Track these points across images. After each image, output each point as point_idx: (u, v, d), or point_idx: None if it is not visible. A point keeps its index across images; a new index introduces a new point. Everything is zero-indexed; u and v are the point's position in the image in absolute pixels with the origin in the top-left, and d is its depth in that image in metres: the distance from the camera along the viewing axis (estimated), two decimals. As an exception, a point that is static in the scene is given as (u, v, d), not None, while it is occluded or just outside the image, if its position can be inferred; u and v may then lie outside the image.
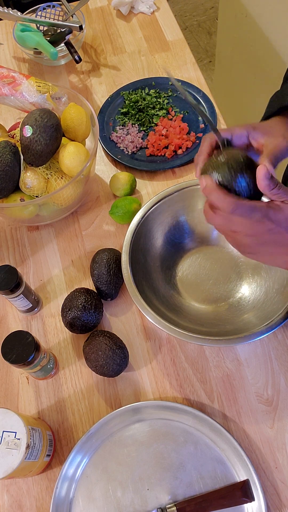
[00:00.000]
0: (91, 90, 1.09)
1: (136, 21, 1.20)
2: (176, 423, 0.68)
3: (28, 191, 0.79)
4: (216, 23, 2.46)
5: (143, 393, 0.72)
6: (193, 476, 0.65)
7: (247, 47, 1.44)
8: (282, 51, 1.24)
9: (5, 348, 0.61)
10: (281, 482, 0.65)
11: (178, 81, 1.05)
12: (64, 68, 1.13)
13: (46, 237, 0.89)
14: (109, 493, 0.64)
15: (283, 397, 0.70)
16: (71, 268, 0.85)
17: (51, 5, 1.14)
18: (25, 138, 0.74)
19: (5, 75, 0.85)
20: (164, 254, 0.81)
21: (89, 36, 1.19)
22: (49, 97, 0.84)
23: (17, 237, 0.89)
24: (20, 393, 0.74)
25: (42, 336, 0.78)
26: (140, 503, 0.64)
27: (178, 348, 0.75)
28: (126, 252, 0.73)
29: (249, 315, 0.73)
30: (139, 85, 1.06)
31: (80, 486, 0.65)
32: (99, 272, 0.77)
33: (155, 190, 0.93)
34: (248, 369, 0.73)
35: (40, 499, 0.66)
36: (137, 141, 0.97)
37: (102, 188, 0.94)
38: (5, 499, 0.66)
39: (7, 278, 0.68)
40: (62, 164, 0.79)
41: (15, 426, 0.57)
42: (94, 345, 0.69)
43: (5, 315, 0.81)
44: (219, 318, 0.75)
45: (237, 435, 0.68)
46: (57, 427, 0.71)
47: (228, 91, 1.75)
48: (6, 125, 0.99)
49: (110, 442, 0.68)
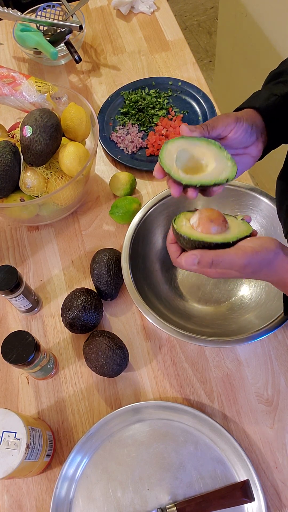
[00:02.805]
0: (91, 90, 1.09)
1: (136, 21, 1.20)
2: (176, 423, 0.68)
3: (28, 191, 0.79)
4: (216, 23, 2.45)
5: (143, 393, 0.72)
6: (193, 476, 0.65)
7: (247, 47, 1.44)
8: (282, 51, 1.23)
9: (5, 348, 0.61)
10: (281, 482, 0.65)
11: (178, 82, 1.05)
12: (64, 68, 1.13)
13: (46, 237, 0.89)
14: (109, 493, 0.64)
15: (283, 397, 0.70)
16: (71, 268, 0.85)
17: (51, 5, 1.14)
18: (25, 138, 0.74)
19: (5, 75, 0.85)
20: (164, 254, 0.81)
21: (89, 36, 1.19)
22: (49, 97, 0.84)
23: (17, 237, 0.89)
24: (20, 393, 0.74)
25: (42, 336, 0.78)
26: (140, 503, 0.64)
27: (178, 348, 0.75)
28: (126, 252, 0.73)
29: (250, 316, 0.73)
30: (139, 85, 1.06)
31: (80, 486, 0.65)
32: (99, 272, 0.77)
33: (155, 190, 0.93)
34: (248, 369, 0.73)
35: (40, 499, 0.66)
36: (137, 141, 0.97)
37: (102, 188, 0.94)
38: (5, 499, 0.66)
39: (7, 278, 0.68)
40: (62, 164, 0.79)
41: (15, 426, 0.57)
42: (94, 345, 0.69)
43: (5, 315, 0.81)
44: (220, 319, 0.75)
45: (237, 435, 0.68)
46: (57, 427, 0.71)
47: (228, 91, 1.75)
48: (6, 125, 0.99)
49: (110, 442, 0.68)
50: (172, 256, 0.55)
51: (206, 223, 0.53)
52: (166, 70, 1.10)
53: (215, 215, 0.54)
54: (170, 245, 0.55)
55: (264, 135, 0.57)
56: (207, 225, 0.53)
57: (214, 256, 0.50)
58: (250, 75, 1.49)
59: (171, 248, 0.55)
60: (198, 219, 0.54)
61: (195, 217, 0.55)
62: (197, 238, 0.52)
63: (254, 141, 0.57)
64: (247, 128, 0.55)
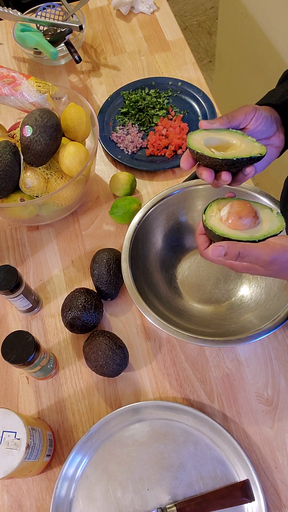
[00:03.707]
0: (91, 90, 1.09)
1: (136, 21, 1.20)
2: (176, 423, 0.68)
3: (28, 191, 0.79)
4: (216, 23, 2.45)
5: (143, 393, 0.72)
6: (193, 476, 0.65)
7: (247, 47, 1.44)
8: (282, 51, 1.23)
9: (5, 348, 0.61)
10: (281, 482, 0.65)
11: (178, 82, 1.05)
12: (64, 68, 1.13)
13: (46, 237, 0.89)
14: (109, 493, 0.64)
15: (283, 397, 0.70)
16: (71, 268, 0.85)
17: (51, 5, 1.14)
18: (25, 138, 0.74)
19: (5, 75, 0.85)
20: (164, 254, 0.81)
21: (89, 36, 1.19)
22: (49, 97, 0.84)
23: (17, 237, 0.89)
24: (20, 393, 0.74)
25: (42, 336, 0.78)
26: (140, 503, 0.64)
27: (178, 348, 0.75)
28: (126, 252, 0.73)
29: (249, 315, 0.73)
30: (139, 85, 1.06)
31: (80, 486, 0.65)
32: (99, 272, 0.77)
33: (155, 190, 0.93)
34: (248, 369, 0.73)
35: (40, 499, 0.66)
36: (137, 141, 0.97)
37: (102, 188, 0.94)
38: (5, 499, 0.66)
39: (7, 278, 0.68)
40: (62, 164, 0.79)
41: (15, 426, 0.57)
42: (94, 345, 0.69)
43: (5, 315, 0.81)
44: (220, 319, 0.75)
45: (237, 435, 0.68)
46: (57, 427, 0.71)
47: (228, 91, 1.75)
48: (6, 125, 0.99)
49: (110, 442, 0.68)
50: (200, 248, 0.55)
51: (235, 218, 0.52)
52: (166, 70, 1.10)
53: (246, 210, 0.53)
54: (199, 236, 0.56)
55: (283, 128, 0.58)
56: (235, 221, 0.52)
57: (241, 248, 0.50)
58: (250, 75, 1.49)
59: (199, 239, 0.55)
60: (228, 213, 0.53)
61: (225, 209, 0.54)
62: (223, 234, 0.52)
63: (275, 131, 0.57)
64: (267, 116, 0.55)
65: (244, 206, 0.54)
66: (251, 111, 0.54)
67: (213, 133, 0.54)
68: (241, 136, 0.54)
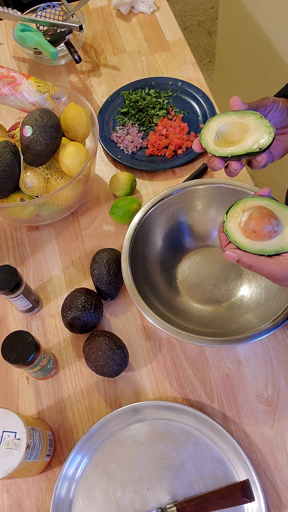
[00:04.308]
0: (91, 90, 1.09)
1: (136, 21, 1.20)
2: (176, 423, 0.68)
3: (28, 191, 0.79)
4: (216, 23, 2.46)
5: (143, 393, 0.72)
6: (193, 476, 0.65)
7: (247, 47, 1.44)
8: (282, 51, 1.23)
9: (5, 348, 0.61)
10: (281, 482, 0.65)
11: (178, 82, 1.05)
12: (64, 68, 1.13)
13: (46, 237, 0.89)
14: (109, 493, 0.64)
15: (283, 397, 0.70)
16: (71, 268, 0.85)
17: (51, 5, 1.14)
18: (25, 138, 0.74)
19: (5, 75, 0.85)
20: (164, 254, 0.81)
21: (89, 36, 1.19)
22: (49, 97, 0.84)
23: (17, 237, 0.89)
24: (20, 393, 0.74)
25: (42, 336, 0.78)
26: (140, 503, 0.64)
27: (178, 348, 0.75)
28: (126, 253, 0.73)
29: (249, 315, 0.73)
30: (139, 85, 1.06)
31: (80, 486, 0.65)
32: (99, 272, 0.77)
33: (155, 190, 0.93)
34: (248, 369, 0.73)
35: (40, 499, 0.66)
36: (137, 141, 0.97)
37: (102, 188, 0.94)
38: (5, 499, 0.66)
39: (7, 278, 0.68)
40: (62, 164, 0.79)
41: (15, 426, 0.57)
42: (94, 345, 0.69)
43: (5, 315, 0.81)
44: (220, 319, 0.75)
45: (237, 435, 0.68)
46: (57, 427, 0.71)
47: (228, 91, 1.75)
48: (6, 125, 0.99)
49: (110, 442, 0.68)
50: (221, 244, 0.58)
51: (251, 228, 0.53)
52: (166, 70, 1.10)
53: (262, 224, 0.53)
54: (221, 233, 0.58)
55: None
56: (248, 232, 0.53)
57: (253, 262, 0.52)
58: (250, 75, 1.49)
59: (221, 236, 0.58)
60: (245, 222, 0.54)
61: (245, 216, 0.55)
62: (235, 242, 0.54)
63: None
64: (283, 107, 0.58)
65: (262, 218, 0.53)
66: (272, 102, 0.57)
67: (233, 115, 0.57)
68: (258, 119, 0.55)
